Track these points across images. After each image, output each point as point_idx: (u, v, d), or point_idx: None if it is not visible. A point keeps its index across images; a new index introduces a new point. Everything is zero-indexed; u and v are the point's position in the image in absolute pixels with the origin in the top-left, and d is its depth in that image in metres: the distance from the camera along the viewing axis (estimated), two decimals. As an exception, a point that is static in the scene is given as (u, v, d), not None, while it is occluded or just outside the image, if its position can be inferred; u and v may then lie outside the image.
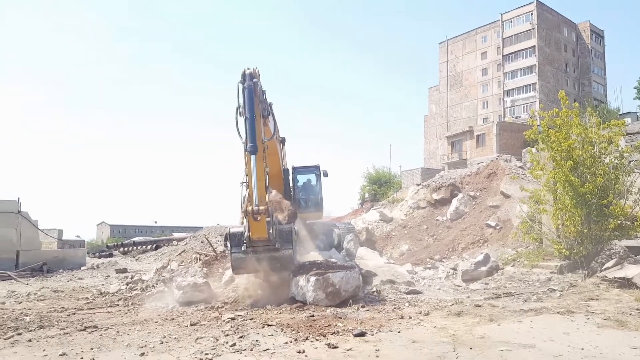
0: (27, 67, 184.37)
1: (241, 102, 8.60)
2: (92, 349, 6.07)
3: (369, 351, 5.60)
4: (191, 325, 7.37)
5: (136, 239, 38.37)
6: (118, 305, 10.16)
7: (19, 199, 20.40)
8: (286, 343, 6.07)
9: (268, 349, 5.79)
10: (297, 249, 10.23)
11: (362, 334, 6.36)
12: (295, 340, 6.20)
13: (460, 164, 44.79)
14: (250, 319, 7.69)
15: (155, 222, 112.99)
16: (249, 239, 8.83)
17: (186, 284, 9.92)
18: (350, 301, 8.78)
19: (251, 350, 5.79)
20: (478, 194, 21.85)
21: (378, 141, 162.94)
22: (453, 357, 5.31)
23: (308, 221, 13.68)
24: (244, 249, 8.98)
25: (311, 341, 6.12)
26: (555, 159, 11.72)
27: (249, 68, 8.84)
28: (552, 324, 6.88)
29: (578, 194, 11.24)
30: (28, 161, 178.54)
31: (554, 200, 12.11)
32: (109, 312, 9.19)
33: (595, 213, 11.27)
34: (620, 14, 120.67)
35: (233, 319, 7.68)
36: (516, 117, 64.58)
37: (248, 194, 8.67)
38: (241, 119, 8.61)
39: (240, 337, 6.40)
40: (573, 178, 11.18)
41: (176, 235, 40.08)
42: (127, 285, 12.61)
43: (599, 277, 10.27)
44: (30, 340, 6.64)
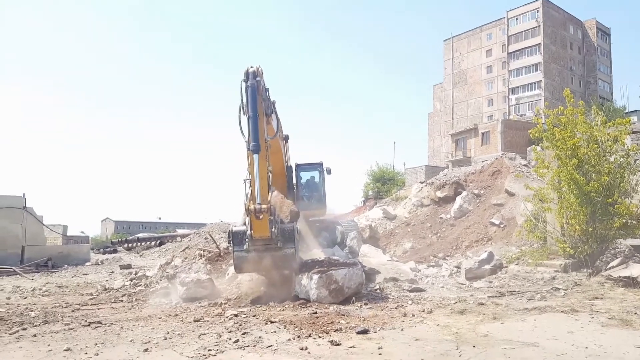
0: (27, 67, 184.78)
1: (244, 101, 8.55)
2: (96, 344, 6.09)
3: (372, 348, 5.59)
4: (194, 321, 7.37)
5: (140, 235, 38.54)
6: (122, 301, 10.20)
7: (24, 194, 20.57)
8: (289, 340, 6.06)
9: (271, 346, 5.79)
10: (300, 247, 10.21)
11: (365, 332, 6.35)
12: (298, 337, 6.19)
13: (465, 162, 44.65)
14: (254, 316, 7.69)
15: (159, 219, 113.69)
16: (251, 237, 8.83)
17: (190, 281, 9.94)
18: (353, 299, 8.78)
19: (254, 346, 5.79)
20: (482, 192, 21.76)
21: (381, 139, 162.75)
22: (456, 355, 5.29)
23: (311, 218, 13.69)
24: (246, 247, 8.99)
25: (314, 338, 6.12)
26: (560, 157, 11.64)
27: (252, 66, 8.79)
28: (556, 323, 6.85)
29: (583, 193, 11.17)
30: (33, 158, 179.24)
31: (559, 199, 12.04)
32: (113, 308, 9.22)
33: (600, 212, 11.20)
34: (626, 11, 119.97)
35: (236, 316, 7.69)
36: (521, 115, 64.38)
37: (251, 193, 8.67)
38: (244, 118, 8.57)
39: (244, 334, 6.41)
40: (578, 176, 11.13)
41: (180, 231, 40.11)
42: (131, 281, 12.67)
43: (603, 276, 10.22)
44: (35, 335, 6.66)
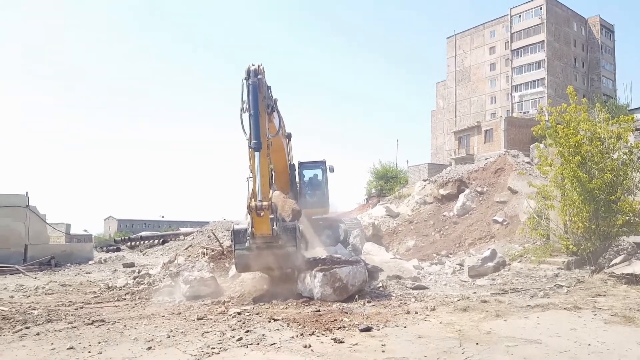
0: (28, 66, 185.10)
1: (245, 99, 8.57)
2: (100, 342, 6.09)
3: (375, 346, 5.59)
4: (198, 319, 7.38)
5: (143, 234, 38.60)
6: (125, 299, 10.21)
7: (27, 193, 20.57)
8: (292, 337, 6.07)
9: (274, 344, 5.79)
10: (302, 246, 10.20)
11: (368, 329, 6.35)
12: (302, 334, 6.20)
13: (468, 160, 44.63)
14: (257, 314, 7.69)
15: (163, 217, 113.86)
16: (252, 235, 8.82)
17: (193, 279, 9.96)
18: (357, 296, 8.78)
19: (257, 344, 5.80)
20: (485, 189, 21.75)
21: (384, 137, 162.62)
22: (459, 353, 5.29)
23: (314, 216, 13.70)
24: (248, 245, 8.99)
25: (317, 336, 6.12)
26: (563, 155, 11.63)
27: (254, 64, 8.79)
28: (559, 320, 6.85)
29: (586, 190, 11.16)
30: (36, 157, 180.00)
31: (562, 196, 12.03)
32: (116, 306, 9.23)
33: (603, 209, 11.19)
34: (630, 8, 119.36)
35: (239, 314, 7.69)
36: (524, 113, 64.10)
37: (252, 190, 8.68)
38: (246, 116, 8.58)
39: (247, 332, 6.42)
40: (581, 174, 11.11)
41: (183, 230, 40.12)
42: (135, 279, 12.70)
43: (606, 273, 10.20)
44: (38, 334, 6.67)
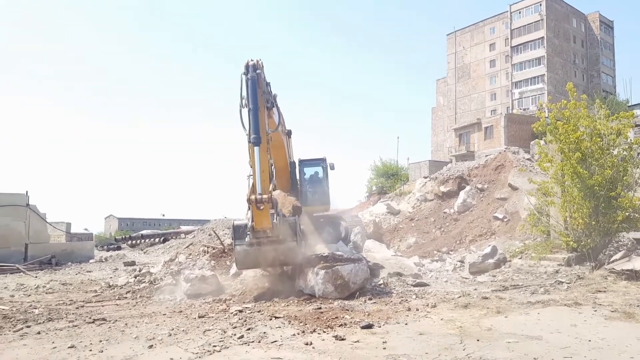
0: (27, 66, 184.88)
1: (244, 94, 8.58)
2: (101, 341, 6.10)
3: (376, 343, 5.60)
4: (199, 317, 7.40)
5: (144, 232, 38.62)
6: (126, 297, 10.21)
7: (27, 192, 20.53)
8: (294, 335, 6.08)
9: (276, 341, 5.80)
10: (303, 242, 10.20)
11: (370, 326, 6.37)
12: (303, 332, 6.21)
13: (468, 157, 44.53)
14: (258, 312, 7.71)
15: (163, 215, 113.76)
16: (253, 229, 8.80)
17: (194, 277, 9.97)
18: (358, 293, 8.79)
19: (259, 342, 5.81)
20: (486, 186, 21.71)
21: (384, 134, 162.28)
22: (460, 349, 5.30)
23: (315, 214, 13.67)
24: (248, 240, 8.98)
25: (318, 333, 6.13)
26: (564, 151, 11.63)
27: (252, 59, 8.82)
28: (560, 316, 6.86)
29: (586, 186, 11.16)
30: (36, 156, 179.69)
31: (562, 193, 12.02)
32: (117, 305, 9.23)
33: (603, 205, 11.20)
34: (630, 4, 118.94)
35: (241, 312, 7.70)
36: (524, 109, 64.02)
37: (252, 185, 8.67)
38: (245, 111, 8.59)
39: (248, 329, 6.43)
40: (581, 170, 11.11)
41: (184, 228, 40.13)
42: (135, 278, 12.67)
43: (606, 269, 10.23)
44: (39, 333, 6.68)
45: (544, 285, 9.61)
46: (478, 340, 5.63)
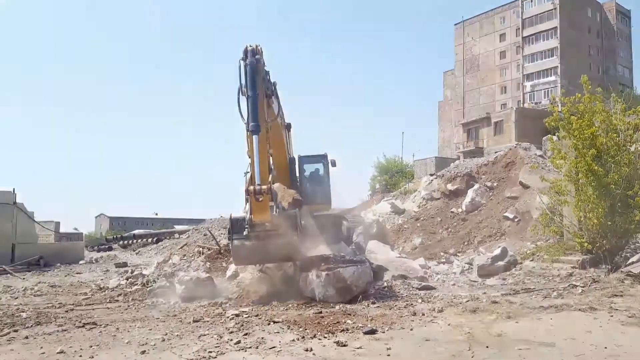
0: (27, 65, 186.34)
1: (243, 82, 8.34)
2: (91, 346, 5.99)
3: (380, 350, 5.48)
4: (194, 321, 7.27)
5: (136, 232, 38.52)
6: (118, 300, 10.09)
7: (14, 190, 20.08)
8: (293, 341, 5.96)
9: (274, 347, 5.69)
10: (304, 244, 9.98)
11: (373, 332, 6.24)
12: (303, 337, 6.09)
13: (477, 153, 44.24)
14: (256, 316, 7.58)
15: (156, 214, 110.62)
16: (251, 222, 8.56)
17: (188, 279, 9.81)
18: (360, 297, 8.61)
19: (256, 348, 5.69)
20: (495, 184, 21.44)
21: (388, 129, 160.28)
22: (468, 357, 5.18)
23: (316, 213, 13.38)
24: (246, 233, 8.71)
25: (319, 339, 6.01)
26: (578, 148, 11.35)
27: (251, 45, 8.57)
28: (574, 322, 6.70)
29: (601, 185, 10.90)
30: (23, 152, 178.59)
31: (576, 191, 11.75)
32: (108, 308, 9.14)
33: (619, 205, 10.96)
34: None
35: (237, 316, 7.58)
36: (536, 103, 63.36)
37: (250, 175, 8.42)
38: (243, 99, 8.33)
39: (245, 335, 6.32)
40: (596, 167, 10.84)
41: (178, 228, 40.14)
42: (127, 280, 12.52)
43: (623, 272, 9.96)
44: (27, 337, 6.56)
45: (557, 289, 9.42)
46: (487, 347, 5.50)
